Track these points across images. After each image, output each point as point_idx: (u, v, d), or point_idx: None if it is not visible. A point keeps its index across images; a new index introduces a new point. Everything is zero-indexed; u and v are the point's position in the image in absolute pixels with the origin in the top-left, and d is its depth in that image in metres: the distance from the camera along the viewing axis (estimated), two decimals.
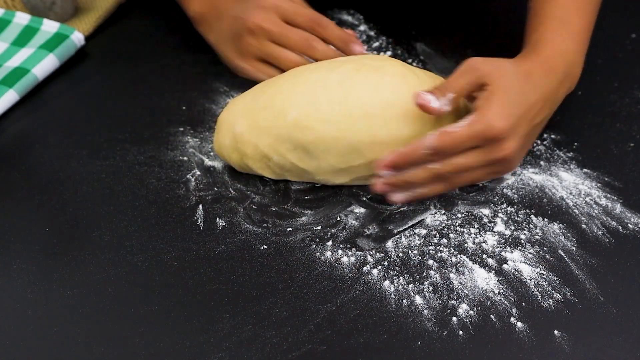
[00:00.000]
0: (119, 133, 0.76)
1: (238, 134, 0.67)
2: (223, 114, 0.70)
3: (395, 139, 0.64)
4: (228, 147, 0.68)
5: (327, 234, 0.65)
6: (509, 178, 0.70)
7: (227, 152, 0.69)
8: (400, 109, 0.64)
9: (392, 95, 0.64)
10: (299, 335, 0.58)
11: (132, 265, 0.63)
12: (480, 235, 0.65)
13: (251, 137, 0.67)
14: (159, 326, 0.59)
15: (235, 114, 0.69)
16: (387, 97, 0.64)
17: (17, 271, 0.63)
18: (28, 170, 0.73)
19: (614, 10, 0.89)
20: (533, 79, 0.63)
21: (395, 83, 0.65)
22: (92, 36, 0.90)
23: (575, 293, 0.60)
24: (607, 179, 0.69)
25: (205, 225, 0.66)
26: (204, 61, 0.85)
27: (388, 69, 0.66)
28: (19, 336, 0.59)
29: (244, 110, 0.68)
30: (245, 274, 0.62)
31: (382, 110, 0.64)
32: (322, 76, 0.66)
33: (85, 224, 0.67)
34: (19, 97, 0.80)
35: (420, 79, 0.66)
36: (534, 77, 0.63)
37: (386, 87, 0.64)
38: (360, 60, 0.68)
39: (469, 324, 0.58)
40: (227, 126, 0.69)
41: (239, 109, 0.69)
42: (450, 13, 0.90)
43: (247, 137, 0.67)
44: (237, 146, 0.68)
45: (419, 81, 0.66)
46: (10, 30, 0.86)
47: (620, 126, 0.75)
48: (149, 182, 0.71)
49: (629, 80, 0.80)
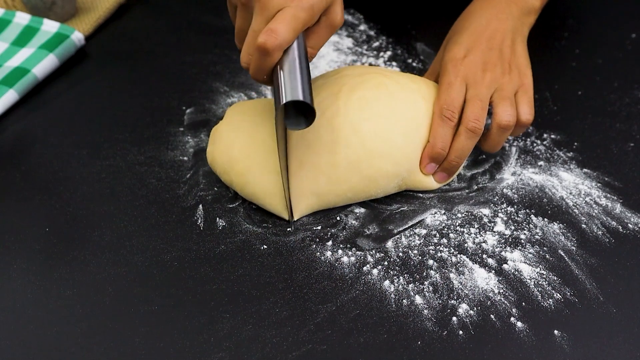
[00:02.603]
0: (119, 133, 0.76)
1: (234, 159, 0.66)
2: (220, 126, 0.69)
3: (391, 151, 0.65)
4: (221, 166, 0.67)
5: (327, 234, 0.65)
6: (509, 178, 0.70)
7: (219, 170, 0.68)
8: (392, 123, 0.65)
9: (381, 109, 0.65)
10: (299, 335, 0.58)
11: (132, 265, 0.63)
12: (480, 235, 0.65)
13: (244, 169, 0.66)
14: (159, 326, 0.59)
15: (234, 130, 0.68)
16: (378, 111, 0.65)
17: (17, 271, 0.63)
18: (28, 170, 0.73)
19: (614, 10, 0.90)
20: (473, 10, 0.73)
21: (375, 96, 0.66)
22: (92, 36, 0.90)
23: (575, 293, 0.60)
24: (607, 179, 0.69)
25: (205, 225, 0.66)
26: (204, 61, 0.85)
27: (368, 84, 0.66)
28: (19, 336, 0.59)
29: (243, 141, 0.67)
30: (245, 274, 0.62)
31: (374, 125, 0.65)
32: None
33: (85, 224, 0.67)
34: (19, 97, 0.80)
35: (400, 84, 0.67)
36: (474, 8, 0.73)
37: (371, 106, 0.65)
38: (341, 79, 0.67)
39: (469, 323, 0.58)
40: (225, 144, 0.67)
41: (238, 128, 0.68)
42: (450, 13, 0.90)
43: (241, 168, 0.66)
44: (230, 171, 0.67)
45: (399, 87, 0.67)
46: (10, 30, 0.86)
47: (620, 126, 0.75)
48: (149, 182, 0.71)
49: (629, 80, 0.80)
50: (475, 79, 0.67)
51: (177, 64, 0.85)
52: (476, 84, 0.67)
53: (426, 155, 0.66)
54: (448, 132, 0.66)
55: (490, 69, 0.68)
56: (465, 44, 0.69)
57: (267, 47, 0.56)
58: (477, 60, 0.68)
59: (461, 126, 0.66)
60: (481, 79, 0.67)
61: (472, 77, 0.67)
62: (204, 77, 0.83)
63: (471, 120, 0.66)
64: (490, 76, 0.68)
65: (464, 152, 0.66)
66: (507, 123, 0.66)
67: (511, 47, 0.70)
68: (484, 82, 0.67)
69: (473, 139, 0.66)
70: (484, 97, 0.67)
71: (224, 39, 0.88)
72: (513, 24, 0.71)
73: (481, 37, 0.70)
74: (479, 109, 0.66)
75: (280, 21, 0.56)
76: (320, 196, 0.65)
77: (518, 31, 0.72)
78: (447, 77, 0.68)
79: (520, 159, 0.72)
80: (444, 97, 0.67)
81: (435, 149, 0.66)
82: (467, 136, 0.66)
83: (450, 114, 0.66)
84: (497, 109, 0.67)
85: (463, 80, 0.67)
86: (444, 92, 0.67)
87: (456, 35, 0.71)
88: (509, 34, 0.71)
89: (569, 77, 0.80)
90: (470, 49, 0.69)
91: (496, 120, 0.67)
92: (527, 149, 0.73)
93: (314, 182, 0.65)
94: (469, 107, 0.66)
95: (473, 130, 0.66)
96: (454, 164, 0.67)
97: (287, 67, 0.57)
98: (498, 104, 0.67)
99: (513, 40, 0.71)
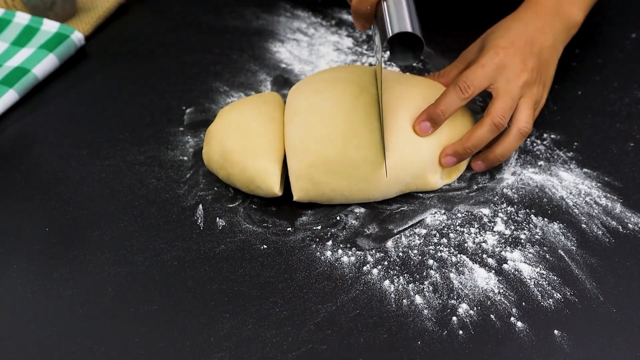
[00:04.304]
0: (119, 133, 0.76)
1: (228, 151, 0.67)
2: (213, 126, 0.69)
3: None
4: (216, 162, 0.68)
5: (327, 234, 0.65)
6: (509, 178, 0.70)
7: (216, 167, 0.68)
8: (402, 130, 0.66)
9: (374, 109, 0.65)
10: (299, 334, 0.58)
11: (132, 265, 0.63)
12: (480, 235, 0.65)
13: (240, 158, 0.66)
14: (159, 326, 0.59)
15: (226, 128, 0.68)
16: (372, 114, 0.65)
17: (17, 271, 0.63)
18: (28, 170, 0.73)
19: (614, 10, 0.90)
20: (520, 17, 0.72)
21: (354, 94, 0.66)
22: (92, 36, 0.90)
23: (575, 293, 0.60)
24: (607, 179, 0.69)
25: (205, 225, 0.66)
26: (204, 61, 0.85)
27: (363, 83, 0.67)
28: (19, 336, 0.59)
29: (235, 126, 0.68)
30: (245, 274, 0.62)
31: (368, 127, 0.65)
32: (315, 101, 0.67)
33: (85, 224, 0.67)
34: (19, 97, 0.80)
35: (409, 90, 0.68)
36: (520, 16, 0.72)
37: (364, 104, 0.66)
38: (337, 74, 0.68)
39: (469, 323, 0.58)
40: (218, 141, 0.68)
41: (230, 123, 0.68)
42: (450, 13, 0.90)
43: (236, 157, 0.66)
44: (226, 164, 0.67)
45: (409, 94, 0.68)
46: (10, 30, 0.86)
47: (620, 126, 0.75)
48: (149, 182, 0.71)
49: (629, 80, 0.80)
50: (511, 75, 0.67)
51: (177, 64, 0.85)
52: (510, 80, 0.66)
53: (424, 112, 0.66)
54: (454, 101, 0.66)
55: (528, 70, 0.67)
56: (510, 39, 0.69)
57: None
58: (518, 56, 0.68)
59: (487, 118, 0.66)
60: (517, 77, 0.67)
61: (509, 71, 0.67)
62: (204, 77, 0.83)
63: (499, 116, 0.65)
64: (526, 78, 0.67)
65: (481, 142, 0.66)
66: (526, 130, 0.67)
67: (547, 61, 0.70)
68: (519, 82, 0.67)
69: (494, 133, 0.66)
70: (515, 96, 0.66)
71: (224, 39, 0.88)
72: (553, 41, 0.71)
73: (522, 40, 0.69)
74: (508, 107, 0.66)
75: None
76: (317, 185, 0.65)
77: (556, 49, 0.72)
78: (483, 59, 0.67)
79: (520, 159, 0.72)
80: (468, 73, 0.66)
81: (435, 109, 0.65)
82: (490, 129, 0.66)
83: (465, 87, 0.66)
84: (521, 114, 0.67)
85: (497, 69, 0.67)
86: (472, 70, 0.67)
87: (499, 30, 0.71)
88: (547, 49, 0.71)
89: (569, 77, 0.80)
90: (514, 43, 0.68)
91: (517, 125, 0.67)
92: (527, 148, 0.73)
93: (314, 167, 0.65)
94: (499, 101, 0.66)
95: (497, 125, 0.66)
96: (468, 151, 0.66)
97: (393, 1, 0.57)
98: (523, 110, 0.67)
99: (550, 56, 0.71)
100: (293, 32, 0.89)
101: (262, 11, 0.92)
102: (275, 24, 0.90)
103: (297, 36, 0.88)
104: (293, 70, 0.83)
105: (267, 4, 0.93)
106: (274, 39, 0.88)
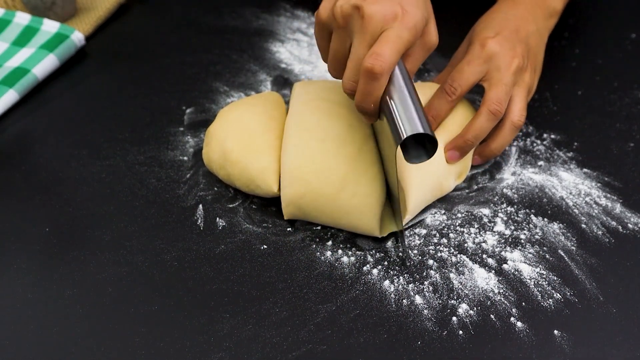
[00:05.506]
0: (119, 133, 0.76)
1: (228, 151, 0.66)
2: (212, 126, 0.69)
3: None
4: (216, 162, 0.67)
5: (327, 234, 0.65)
6: (509, 178, 0.70)
7: (216, 167, 0.68)
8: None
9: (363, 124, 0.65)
10: (299, 335, 0.58)
11: (132, 265, 0.63)
12: (480, 235, 0.65)
13: (240, 157, 0.66)
14: (159, 326, 0.59)
15: (226, 128, 0.68)
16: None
17: (17, 271, 0.63)
18: (28, 170, 0.73)
19: (614, 10, 0.90)
20: (500, 9, 0.72)
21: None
22: (92, 36, 0.90)
23: (575, 293, 0.60)
24: (607, 179, 0.69)
25: (205, 225, 0.66)
26: (204, 61, 0.85)
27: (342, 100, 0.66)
28: (19, 336, 0.59)
29: (236, 127, 0.68)
30: (245, 274, 0.62)
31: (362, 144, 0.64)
32: (323, 125, 0.65)
33: (85, 224, 0.67)
34: (19, 97, 0.80)
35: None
36: (500, 7, 0.72)
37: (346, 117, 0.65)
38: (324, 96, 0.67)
39: (469, 323, 0.58)
40: (218, 141, 0.67)
41: (230, 123, 0.68)
42: (450, 13, 0.90)
43: (236, 157, 0.66)
44: (226, 164, 0.67)
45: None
46: (10, 30, 0.86)
47: (620, 126, 0.75)
48: (149, 182, 0.71)
49: (629, 80, 0.80)
50: (501, 62, 0.66)
51: (177, 64, 0.85)
52: (501, 68, 0.66)
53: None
54: (442, 105, 0.65)
55: (519, 56, 0.67)
56: (495, 29, 0.68)
57: (374, 71, 0.54)
58: (506, 43, 0.67)
59: (483, 107, 0.65)
60: (508, 64, 0.66)
61: (499, 59, 0.66)
62: (204, 77, 0.83)
63: (494, 103, 0.65)
64: (518, 63, 0.66)
65: (481, 132, 0.66)
66: (520, 123, 0.67)
67: (535, 47, 0.70)
68: (511, 68, 0.66)
69: (492, 122, 0.66)
70: (509, 82, 0.66)
71: (224, 39, 0.88)
72: (537, 27, 0.71)
73: (507, 29, 0.69)
74: (503, 93, 0.65)
75: (384, 43, 0.54)
76: (307, 215, 0.65)
77: (541, 35, 0.72)
78: (468, 55, 0.67)
79: (520, 159, 0.72)
80: (453, 74, 0.66)
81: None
82: (488, 118, 0.65)
83: (451, 89, 0.65)
84: (515, 106, 0.67)
85: (486, 60, 0.66)
86: (457, 69, 0.66)
87: (483, 23, 0.71)
88: (533, 36, 0.70)
89: (569, 77, 0.80)
90: (500, 32, 0.68)
91: (510, 118, 0.67)
92: (527, 149, 0.73)
93: (305, 200, 0.63)
94: (493, 89, 0.65)
95: (494, 113, 0.65)
96: (469, 143, 0.65)
97: (398, 96, 0.55)
98: (517, 102, 0.67)
99: (536, 42, 0.71)
100: (293, 32, 0.89)
101: (262, 11, 0.92)
102: (275, 24, 0.90)
103: (297, 36, 0.88)
104: (293, 71, 0.83)
105: (267, 4, 0.93)
106: (274, 39, 0.88)
